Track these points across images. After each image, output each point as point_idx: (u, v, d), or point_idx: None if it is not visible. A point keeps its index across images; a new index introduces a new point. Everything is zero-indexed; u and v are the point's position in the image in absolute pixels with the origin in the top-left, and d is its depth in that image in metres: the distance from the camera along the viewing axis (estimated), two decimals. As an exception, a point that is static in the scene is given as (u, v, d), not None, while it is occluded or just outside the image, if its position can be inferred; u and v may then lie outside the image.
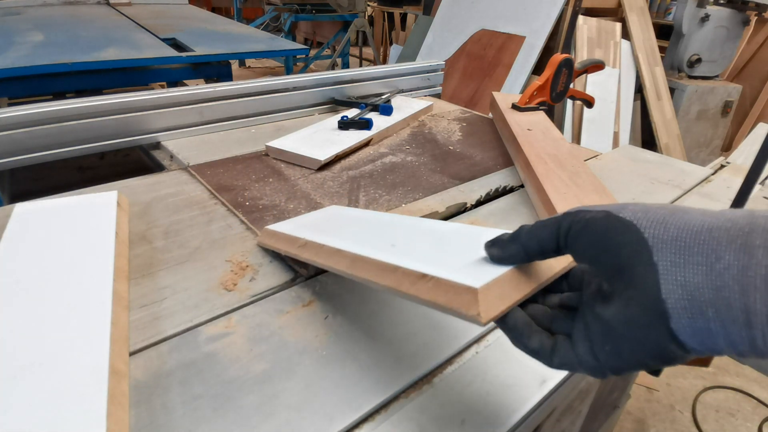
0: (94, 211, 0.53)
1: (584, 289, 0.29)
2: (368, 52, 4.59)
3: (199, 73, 1.70)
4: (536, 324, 0.30)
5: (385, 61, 4.65)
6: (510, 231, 0.31)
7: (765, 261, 0.20)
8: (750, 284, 0.20)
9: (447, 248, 0.36)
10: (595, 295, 0.27)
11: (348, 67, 4.09)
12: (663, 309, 0.22)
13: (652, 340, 0.23)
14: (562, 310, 0.30)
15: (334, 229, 0.48)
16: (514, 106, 0.91)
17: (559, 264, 0.31)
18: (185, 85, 1.22)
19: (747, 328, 0.20)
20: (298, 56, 4.10)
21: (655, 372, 0.35)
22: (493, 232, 0.33)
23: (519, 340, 0.29)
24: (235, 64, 4.61)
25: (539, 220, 0.29)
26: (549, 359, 0.28)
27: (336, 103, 1.02)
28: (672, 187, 0.76)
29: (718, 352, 0.22)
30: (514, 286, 0.29)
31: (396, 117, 0.93)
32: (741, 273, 0.20)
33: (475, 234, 0.37)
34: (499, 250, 0.30)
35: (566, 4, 2.24)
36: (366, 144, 0.84)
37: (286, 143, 0.77)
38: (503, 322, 0.29)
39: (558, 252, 0.27)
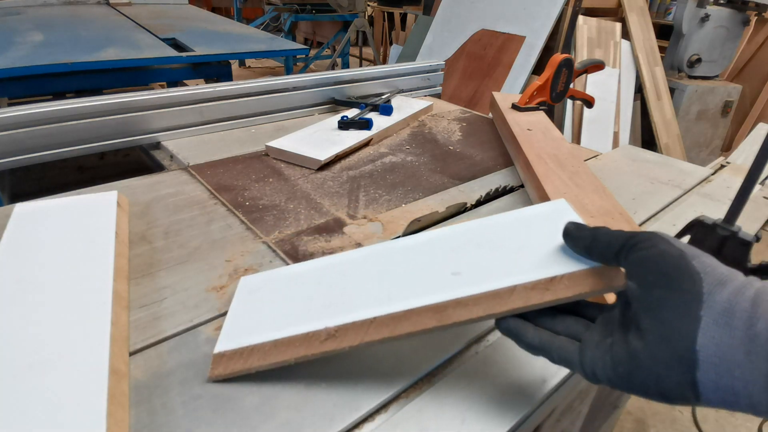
0: (94, 211, 0.53)
1: (617, 306, 0.30)
2: (368, 52, 4.59)
3: (199, 73, 1.69)
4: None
5: (385, 61, 4.65)
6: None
7: None
8: None
9: (504, 250, 0.36)
10: (628, 320, 0.28)
11: (348, 67, 4.09)
12: (692, 359, 0.24)
13: (672, 381, 0.25)
14: (568, 316, 0.32)
15: (335, 299, 0.38)
16: (514, 106, 0.91)
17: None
18: (185, 85, 1.21)
19: (765, 391, 0.22)
20: (298, 56, 4.10)
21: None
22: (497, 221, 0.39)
23: (511, 331, 0.33)
24: (235, 64, 4.61)
25: (619, 230, 0.30)
26: (549, 353, 0.31)
27: (336, 103, 1.02)
28: (672, 187, 0.76)
29: (735, 408, 0.24)
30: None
31: (396, 117, 0.93)
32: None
33: (499, 227, 0.39)
34: (576, 230, 0.32)
35: (566, 4, 2.24)
36: (366, 144, 0.84)
37: (286, 143, 0.77)
38: (500, 324, 0.33)
39: (616, 260, 0.29)
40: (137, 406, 0.34)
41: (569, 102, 2.28)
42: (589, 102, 0.98)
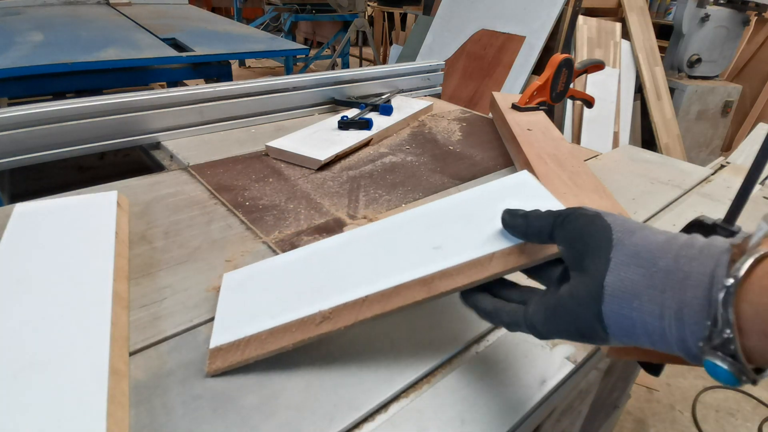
0: (94, 211, 0.53)
1: (553, 273, 0.34)
2: (368, 52, 4.59)
3: (199, 73, 1.69)
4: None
5: (385, 61, 4.65)
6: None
7: (686, 267, 0.24)
8: (668, 284, 0.24)
9: (477, 223, 0.39)
10: (560, 276, 0.32)
11: (348, 67, 4.09)
12: (600, 294, 0.26)
13: (583, 317, 0.28)
14: (524, 286, 0.36)
15: (321, 282, 0.39)
16: (514, 106, 0.91)
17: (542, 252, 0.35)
18: (185, 85, 1.22)
19: (659, 319, 0.24)
20: (298, 56, 4.10)
21: (655, 372, 0.37)
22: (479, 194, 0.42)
23: (471, 302, 0.36)
24: (235, 64, 4.61)
25: (547, 211, 0.33)
26: (499, 317, 0.34)
27: (336, 103, 1.02)
28: (672, 187, 0.76)
29: (634, 340, 0.26)
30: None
31: (396, 117, 0.93)
32: (665, 275, 0.25)
33: (470, 202, 0.42)
34: (510, 219, 0.35)
35: (566, 4, 2.24)
36: (366, 144, 0.84)
37: (286, 143, 0.77)
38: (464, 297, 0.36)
39: (550, 240, 0.32)
40: (137, 406, 0.34)
41: (569, 102, 2.28)
42: (589, 102, 0.98)
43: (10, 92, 1.36)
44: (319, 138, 0.81)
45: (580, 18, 2.33)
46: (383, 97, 1.03)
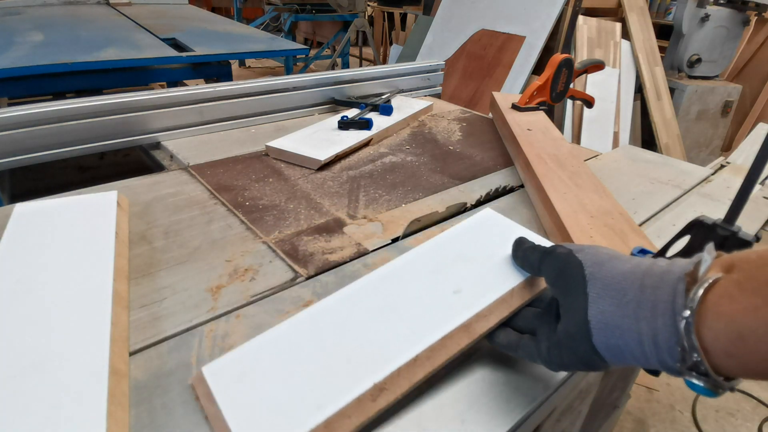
0: (94, 211, 0.53)
1: (551, 305, 0.36)
2: (368, 52, 4.59)
3: (199, 73, 1.69)
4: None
5: (385, 61, 4.65)
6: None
7: (652, 297, 0.26)
8: (641, 314, 0.27)
9: (476, 263, 0.41)
10: (557, 311, 0.34)
11: (348, 67, 4.09)
12: (587, 329, 0.29)
13: (581, 350, 0.30)
14: (531, 316, 0.38)
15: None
16: (514, 106, 0.91)
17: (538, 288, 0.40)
18: (185, 85, 1.21)
19: (640, 345, 0.27)
20: (298, 56, 4.10)
21: (655, 372, 0.38)
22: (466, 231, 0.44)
23: (491, 338, 0.38)
24: (235, 64, 4.61)
25: (534, 246, 0.38)
26: (515, 351, 0.36)
27: (336, 103, 1.02)
28: (672, 187, 0.76)
29: (625, 363, 0.28)
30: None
31: (396, 117, 0.93)
32: (636, 305, 0.27)
33: (455, 242, 0.44)
34: (521, 254, 0.40)
35: (566, 4, 2.24)
36: (366, 144, 0.84)
37: (286, 143, 0.77)
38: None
39: (539, 273, 0.37)
40: (137, 406, 0.34)
41: (569, 102, 2.28)
42: (589, 102, 0.98)
43: (10, 92, 1.36)
44: (319, 138, 0.81)
45: (580, 18, 2.33)
46: (383, 97, 1.03)
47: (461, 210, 0.65)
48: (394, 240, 0.57)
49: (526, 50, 2.27)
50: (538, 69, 2.25)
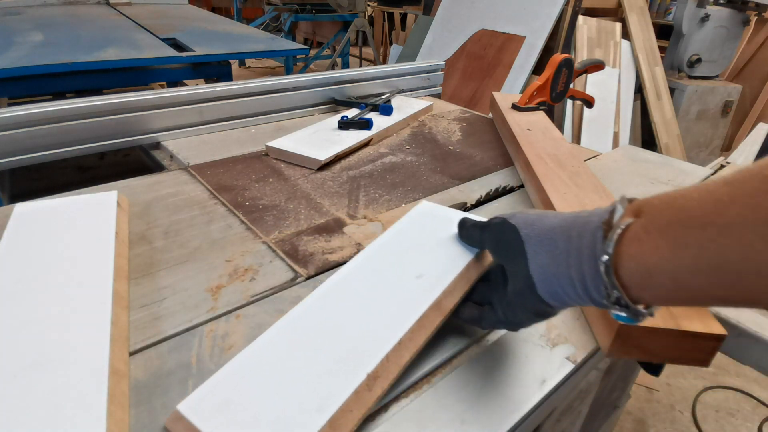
0: (94, 211, 0.53)
1: (499, 274, 0.39)
2: (368, 52, 4.59)
3: (199, 73, 1.69)
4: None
5: (385, 61, 4.65)
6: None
7: (577, 245, 0.30)
8: (570, 262, 0.30)
9: (428, 248, 0.45)
10: (504, 277, 0.37)
11: (348, 67, 4.09)
12: (532, 282, 0.32)
13: (530, 302, 0.33)
14: (485, 289, 0.42)
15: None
16: (514, 106, 0.91)
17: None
18: (185, 85, 1.21)
19: (573, 289, 0.30)
20: (298, 56, 4.10)
21: (655, 372, 0.38)
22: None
23: (456, 313, 0.41)
24: (235, 64, 4.61)
25: (474, 223, 0.42)
26: (479, 323, 0.39)
27: (336, 103, 1.02)
28: (672, 187, 0.76)
29: (567, 305, 0.33)
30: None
31: (396, 117, 0.93)
32: (566, 255, 0.30)
33: (407, 233, 0.47)
34: (463, 232, 0.44)
35: (566, 4, 2.24)
36: (366, 144, 0.84)
37: (286, 143, 0.77)
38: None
39: (484, 246, 0.42)
40: (137, 406, 0.34)
41: (569, 102, 2.28)
42: (589, 102, 0.98)
43: (10, 92, 1.36)
44: (319, 138, 0.81)
45: (580, 18, 2.33)
46: (383, 97, 1.03)
47: (461, 210, 0.65)
48: (394, 240, 0.57)
49: (526, 50, 2.27)
50: (538, 69, 2.25)
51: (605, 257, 0.27)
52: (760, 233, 0.21)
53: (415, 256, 0.43)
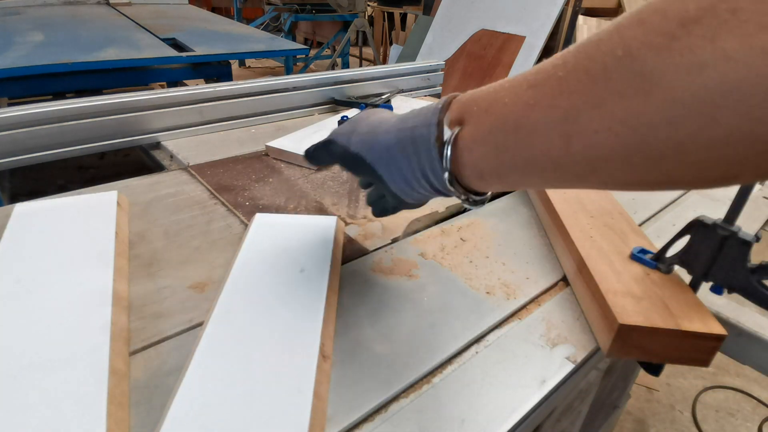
0: (94, 211, 0.53)
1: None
2: (368, 52, 4.59)
3: (199, 73, 1.70)
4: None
5: (385, 61, 4.65)
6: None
7: (420, 168, 0.34)
8: (422, 183, 0.35)
9: (289, 245, 0.51)
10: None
11: (348, 67, 4.09)
12: (394, 191, 0.38)
13: (392, 202, 0.41)
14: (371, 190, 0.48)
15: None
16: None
17: None
18: (185, 85, 1.21)
19: (428, 194, 0.37)
20: (298, 56, 4.10)
21: (655, 372, 0.38)
22: None
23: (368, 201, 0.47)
24: (235, 64, 4.61)
25: (321, 143, 0.44)
26: (385, 203, 0.45)
27: (336, 103, 1.02)
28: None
29: (416, 192, 0.37)
30: None
31: (396, 117, 0.93)
32: (415, 179, 0.35)
33: (269, 236, 0.52)
34: (313, 155, 0.47)
35: (566, 4, 2.24)
36: (366, 144, 0.84)
37: (286, 143, 0.77)
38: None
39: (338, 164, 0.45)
40: (137, 406, 0.34)
41: (569, 102, 2.27)
42: (589, 102, 0.98)
43: (10, 92, 1.36)
44: (319, 138, 0.80)
45: (580, 18, 2.33)
46: (383, 97, 1.03)
47: (461, 210, 0.65)
48: (394, 240, 0.57)
49: (526, 50, 2.27)
50: (538, 69, 2.25)
51: (446, 174, 0.32)
52: (558, 130, 0.25)
53: (283, 259, 0.47)
